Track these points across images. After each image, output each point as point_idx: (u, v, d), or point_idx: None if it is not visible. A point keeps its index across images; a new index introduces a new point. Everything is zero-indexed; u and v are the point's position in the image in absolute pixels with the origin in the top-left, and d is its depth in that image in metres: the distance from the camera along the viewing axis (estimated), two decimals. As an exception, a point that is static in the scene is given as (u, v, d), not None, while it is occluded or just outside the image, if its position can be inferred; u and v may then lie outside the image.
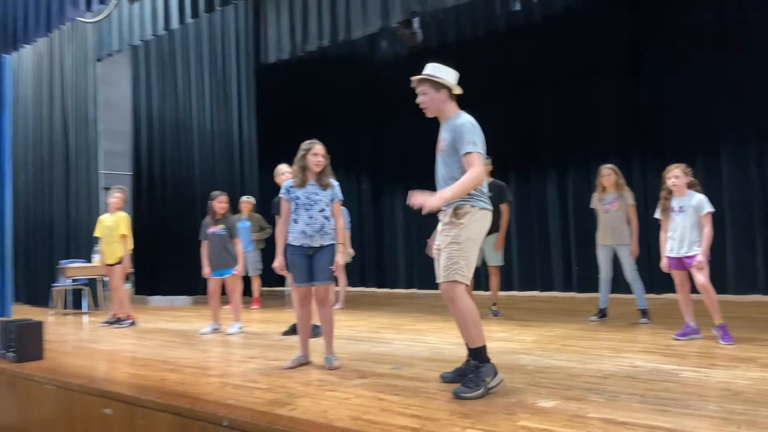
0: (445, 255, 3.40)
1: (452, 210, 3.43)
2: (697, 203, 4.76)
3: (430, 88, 3.55)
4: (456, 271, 3.35)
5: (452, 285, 3.36)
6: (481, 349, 3.38)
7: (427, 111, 3.62)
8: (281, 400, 3.34)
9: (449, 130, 3.51)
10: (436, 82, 3.52)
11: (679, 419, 2.71)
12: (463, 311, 3.37)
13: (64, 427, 4.14)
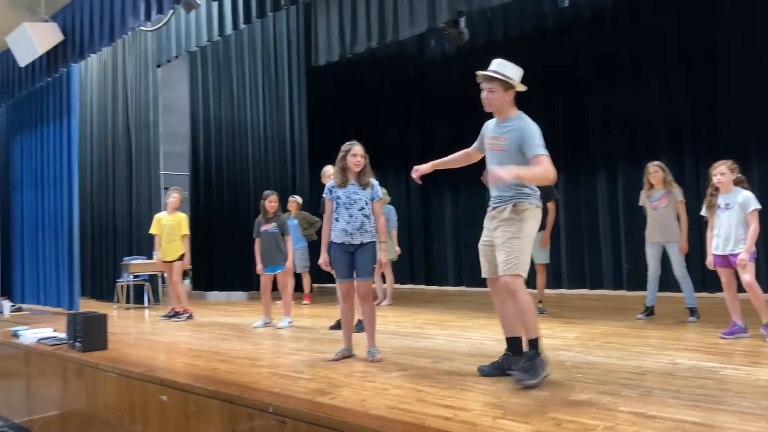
0: (506, 250, 3.50)
1: (511, 206, 3.54)
2: (744, 200, 4.68)
3: (499, 87, 3.63)
4: (518, 265, 3.48)
5: (515, 278, 3.48)
6: (538, 340, 3.51)
7: (489, 107, 3.69)
8: (323, 389, 3.51)
9: (512, 130, 3.58)
10: (506, 82, 3.61)
11: (710, 414, 2.73)
12: (524, 304, 3.50)
13: (126, 412, 4.43)
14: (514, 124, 3.61)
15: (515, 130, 3.58)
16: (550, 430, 2.62)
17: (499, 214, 3.60)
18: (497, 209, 3.62)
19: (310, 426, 3.05)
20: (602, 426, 2.64)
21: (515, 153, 3.56)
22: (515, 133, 3.57)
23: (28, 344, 5.82)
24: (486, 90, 3.65)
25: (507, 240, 3.51)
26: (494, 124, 3.75)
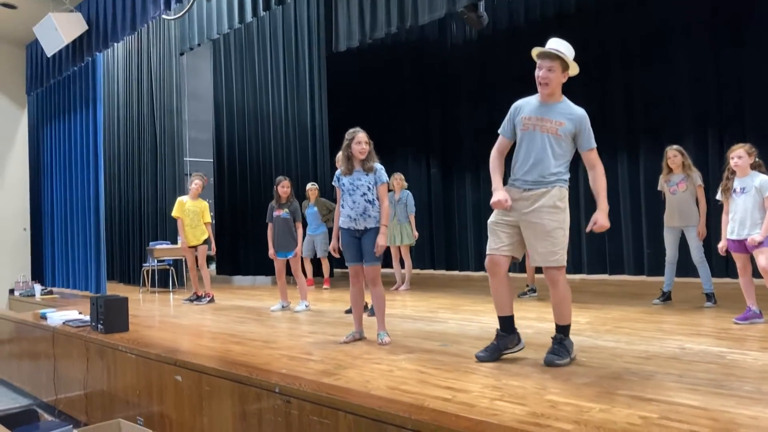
0: (553, 241, 3.50)
1: (557, 192, 3.54)
2: (761, 184, 4.61)
3: (559, 66, 3.59)
4: (561, 257, 3.54)
5: (558, 270, 3.54)
6: (569, 327, 3.62)
7: (546, 87, 3.60)
8: (329, 370, 3.59)
9: (566, 117, 3.56)
10: (566, 62, 3.59)
11: (708, 398, 2.73)
12: (565, 293, 3.59)
13: (144, 392, 4.58)
14: (571, 111, 3.59)
15: (575, 118, 3.56)
16: (545, 411, 2.65)
17: (539, 197, 3.53)
18: (534, 192, 3.54)
19: (314, 405, 3.13)
20: (598, 408, 2.66)
21: (568, 141, 3.57)
22: (575, 122, 3.55)
23: (54, 326, 6.03)
24: (545, 68, 3.58)
25: (554, 230, 3.51)
26: (538, 105, 3.65)
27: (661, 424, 2.41)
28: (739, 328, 4.49)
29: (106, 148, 11.26)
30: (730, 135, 7.55)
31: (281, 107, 10.52)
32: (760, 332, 4.31)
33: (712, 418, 2.46)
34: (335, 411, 3.01)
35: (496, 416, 2.61)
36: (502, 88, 9.68)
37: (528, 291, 6.84)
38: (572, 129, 3.54)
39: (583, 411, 2.63)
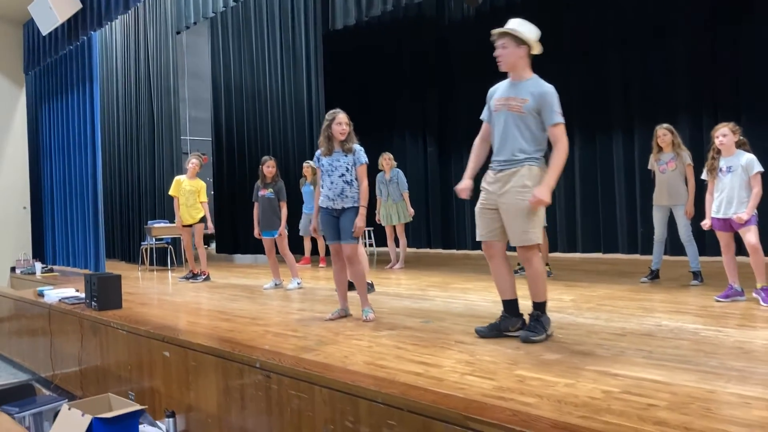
0: (521, 220, 3.51)
1: (526, 170, 3.52)
2: (747, 163, 4.62)
3: (511, 41, 3.60)
4: (532, 236, 3.55)
5: (530, 249, 3.57)
6: (545, 304, 3.66)
7: (503, 64, 3.65)
8: (310, 346, 3.67)
9: (529, 94, 3.56)
10: (518, 37, 3.60)
11: (672, 373, 2.79)
12: (537, 272, 3.63)
13: (135, 367, 4.69)
14: (534, 86, 3.58)
15: (537, 94, 3.54)
16: (511, 386, 2.72)
17: (509, 177, 3.55)
18: (505, 172, 3.58)
19: (292, 380, 3.21)
20: (563, 383, 2.72)
21: (533, 117, 3.55)
22: (537, 97, 3.54)
23: (51, 303, 6.14)
24: (498, 47, 3.63)
25: (520, 211, 3.50)
26: (507, 85, 3.70)
27: (620, 398, 2.48)
28: (719, 305, 4.54)
29: (106, 126, 11.34)
30: (725, 115, 7.53)
31: (278, 86, 10.53)
32: (740, 310, 4.36)
33: (671, 392, 2.52)
34: (311, 385, 3.09)
35: (463, 390, 2.68)
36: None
37: (519, 269, 6.87)
38: (534, 105, 3.52)
39: (548, 385, 2.70)
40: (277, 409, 3.32)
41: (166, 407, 4.24)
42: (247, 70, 10.95)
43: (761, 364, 2.90)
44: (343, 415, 2.91)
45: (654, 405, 2.37)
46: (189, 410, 4.10)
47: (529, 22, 3.64)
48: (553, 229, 9.27)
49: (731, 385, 2.58)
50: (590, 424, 2.21)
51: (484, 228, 3.75)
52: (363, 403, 2.81)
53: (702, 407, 2.33)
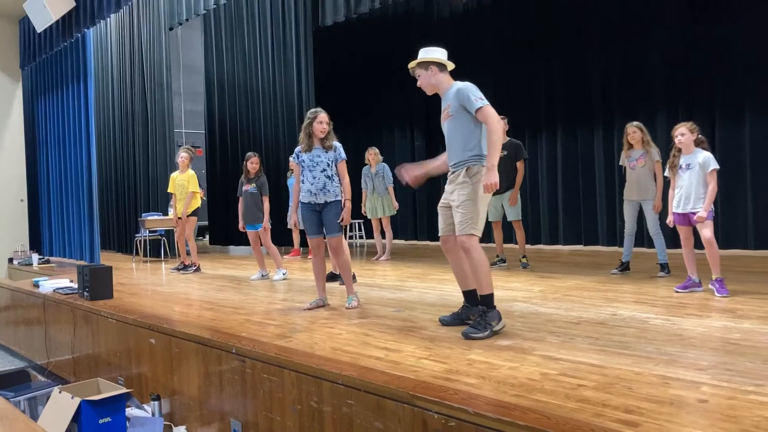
0: (461, 211, 3.78)
1: (465, 170, 3.81)
2: (704, 160, 4.85)
3: (420, 69, 3.97)
4: (472, 225, 3.76)
5: (469, 238, 3.77)
6: (490, 296, 3.78)
7: (425, 90, 4.03)
8: (284, 334, 3.92)
9: (451, 97, 3.86)
10: (423, 62, 3.94)
11: (610, 357, 3.04)
12: (477, 261, 3.77)
13: (123, 354, 4.94)
14: (452, 89, 3.87)
15: (454, 94, 3.83)
16: (461, 368, 2.97)
17: (456, 178, 3.86)
18: (454, 173, 3.89)
19: (264, 365, 3.46)
20: (507, 366, 2.97)
21: (462, 114, 3.81)
22: (455, 97, 3.82)
23: (45, 293, 6.39)
24: (417, 78, 3.99)
25: (462, 202, 3.78)
26: (442, 102, 4.02)
27: (555, 379, 2.72)
28: (677, 296, 4.78)
29: (101, 120, 11.57)
30: (700, 112, 7.79)
31: (270, 81, 10.72)
32: (695, 300, 4.60)
33: (602, 374, 2.76)
34: (281, 369, 3.34)
35: (416, 372, 2.93)
36: (487, 62, 9.86)
37: (497, 261, 7.13)
38: (457, 104, 3.79)
39: (493, 368, 2.94)
40: (251, 392, 3.57)
41: (152, 391, 4.50)
42: (239, 64, 11.14)
43: (692, 349, 3.15)
44: (308, 396, 3.17)
45: (583, 385, 2.62)
46: (173, 394, 4.36)
47: (432, 47, 3.96)
48: (536, 221, 9.54)
49: (658, 368, 2.82)
50: (520, 401, 2.46)
51: (441, 223, 4.05)
52: (326, 385, 3.06)
53: (625, 387, 2.57)
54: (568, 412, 2.32)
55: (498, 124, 3.69)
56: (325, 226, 4.72)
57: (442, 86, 3.95)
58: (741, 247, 7.51)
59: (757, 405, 2.30)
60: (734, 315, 3.97)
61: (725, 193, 7.64)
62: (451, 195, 3.89)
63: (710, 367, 2.80)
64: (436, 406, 2.53)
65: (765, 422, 2.13)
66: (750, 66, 7.30)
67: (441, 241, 4.10)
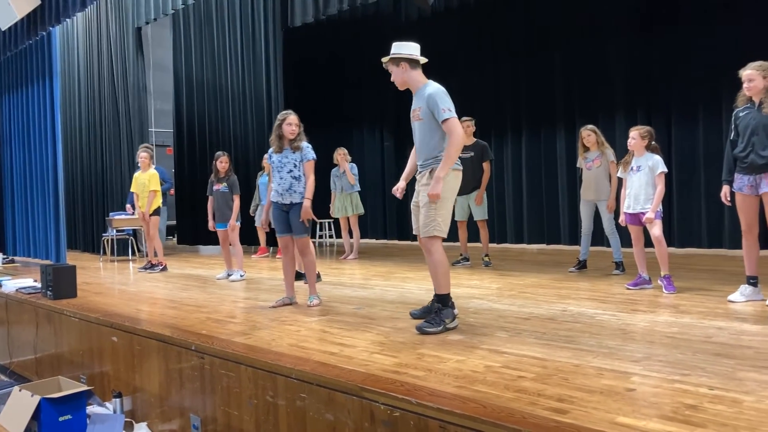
0: (425, 213, 3.90)
1: (428, 172, 3.93)
2: (653, 163, 5.04)
3: (391, 65, 4.06)
4: (434, 227, 3.87)
5: (431, 239, 3.89)
6: (446, 296, 3.91)
7: (398, 86, 4.11)
8: (245, 331, 4.00)
9: (422, 99, 3.95)
10: (395, 58, 4.02)
11: (552, 350, 3.18)
12: (437, 262, 3.90)
13: (86, 353, 4.98)
14: (424, 92, 3.96)
15: (425, 98, 3.92)
16: (410, 362, 3.08)
17: (422, 178, 4.00)
18: (421, 174, 4.02)
19: (222, 361, 3.55)
20: (455, 359, 3.10)
21: (430, 119, 3.92)
22: (426, 101, 3.92)
23: (8, 293, 6.36)
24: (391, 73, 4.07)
25: (426, 204, 3.90)
26: (413, 98, 4.11)
27: (498, 371, 2.86)
28: (629, 292, 4.97)
29: (68, 119, 11.48)
30: (657, 113, 8.06)
31: (239, 81, 10.74)
32: (644, 296, 4.78)
33: (543, 366, 2.90)
34: (238, 365, 3.43)
35: (366, 366, 3.04)
36: (455, 64, 10.03)
37: (461, 260, 7.28)
38: (426, 108, 3.89)
39: (441, 361, 3.07)
40: (209, 387, 3.65)
41: (114, 388, 4.54)
42: (208, 63, 11.14)
43: (632, 342, 3.31)
44: (264, 391, 3.26)
45: (522, 377, 2.76)
46: (135, 391, 4.41)
47: (405, 42, 4.03)
48: (501, 221, 9.73)
49: (597, 360, 2.97)
50: (461, 392, 2.58)
51: (414, 223, 4.15)
52: (280, 380, 3.16)
53: (561, 378, 2.72)
54: (504, 401, 2.45)
55: (458, 138, 3.80)
56: (292, 226, 4.81)
57: (413, 84, 4.04)
58: (695, 245, 7.77)
59: (679, 393, 2.45)
60: (677, 310, 4.15)
61: (680, 193, 7.91)
62: (418, 196, 4.02)
63: (644, 359, 2.96)
64: (383, 398, 2.64)
65: (683, 408, 2.28)
66: (704, 71, 7.54)
67: (418, 240, 4.15)
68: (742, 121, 4.32)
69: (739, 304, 4.29)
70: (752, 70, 4.16)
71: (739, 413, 2.20)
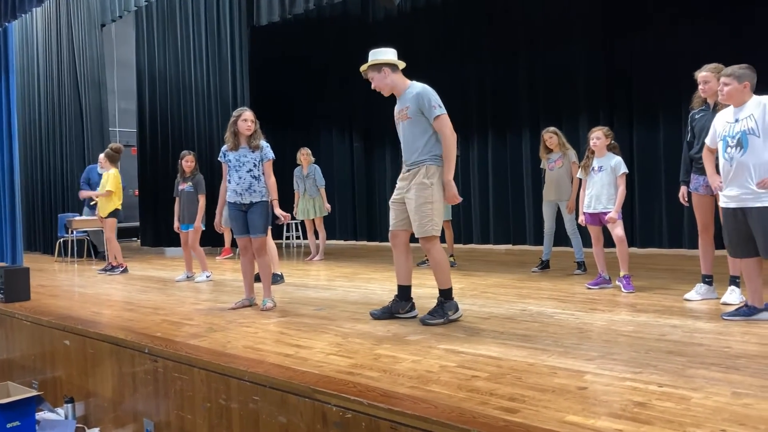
0: (421, 214, 3.89)
1: (424, 169, 3.92)
2: (615, 164, 5.09)
3: (373, 71, 4.08)
4: (433, 228, 3.90)
5: (430, 239, 3.92)
6: (449, 290, 3.98)
7: (382, 91, 4.13)
8: (200, 333, 3.92)
9: (409, 100, 3.97)
10: (375, 64, 4.04)
11: (509, 350, 3.18)
12: (439, 260, 3.96)
13: (38, 357, 4.83)
14: (411, 92, 3.99)
15: (413, 97, 3.95)
16: (365, 363, 3.05)
17: (412, 176, 3.97)
18: (411, 171, 3.99)
19: (175, 363, 3.46)
20: (411, 359, 3.07)
21: (420, 117, 3.95)
22: (414, 99, 3.94)
23: (-42, 296, 6.14)
24: (371, 81, 4.09)
25: (421, 205, 3.89)
26: (398, 100, 4.13)
27: (452, 371, 2.84)
28: (590, 292, 5.01)
29: (27, 118, 11.19)
30: (620, 115, 8.17)
31: (204, 80, 10.59)
32: (604, 296, 4.82)
33: (497, 366, 2.89)
34: (191, 368, 3.35)
35: (321, 368, 2.99)
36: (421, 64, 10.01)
37: (426, 260, 7.25)
38: (415, 107, 3.93)
39: (397, 362, 3.04)
40: (163, 391, 3.57)
41: (66, 394, 4.41)
42: (172, 62, 10.96)
43: (588, 341, 3.32)
44: (217, 394, 3.19)
45: (477, 376, 2.74)
46: (88, 396, 4.29)
47: (382, 48, 4.07)
48: (468, 222, 9.76)
49: (551, 359, 2.97)
50: (414, 392, 2.55)
51: (393, 218, 4.15)
52: (233, 382, 3.09)
53: (515, 377, 2.71)
54: (456, 401, 2.43)
55: (452, 136, 3.88)
56: (250, 226, 4.73)
57: (398, 87, 4.07)
58: (656, 246, 7.89)
59: (629, 390, 2.46)
60: (634, 309, 4.19)
61: (641, 193, 8.02)
62: (407, 193, 3.97)
63: (598, 358, 2.97)
64: (335, 399, 2.60)
65: (632, 405, 2.29)
66: (665, 73, 7.66)
67: (391, 236, 4.17)
68: (698, 122, 4.38)
69: (695, 302, 4.35)
70: (707, 72, 4.22)
71: (686, 410, 2.21)
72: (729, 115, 3.78)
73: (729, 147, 3.71)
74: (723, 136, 3.77)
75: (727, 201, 3.76)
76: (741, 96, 3.69)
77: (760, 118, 3.59)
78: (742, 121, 3.66)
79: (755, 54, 6.61)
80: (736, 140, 3.67)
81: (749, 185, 3.60)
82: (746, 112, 3.67)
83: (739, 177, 3.66)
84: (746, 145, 3.62)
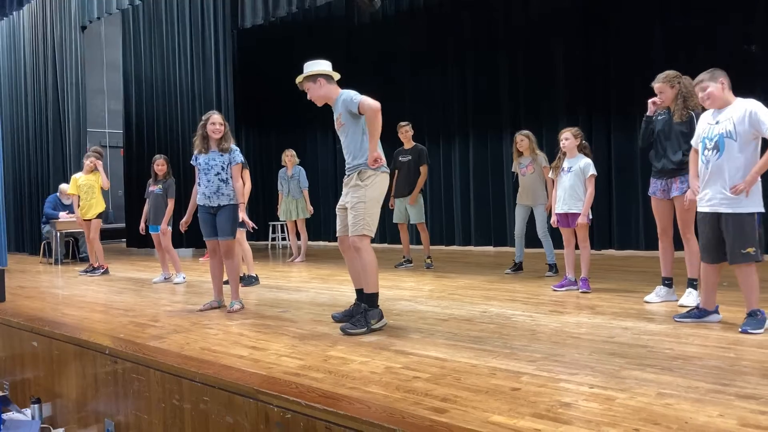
0: (354, 213, 3.95)
1: (357, 174, 3.98)
2: (584, 165, 5.15)
3: (308, 82, 4.15)
4: (363, 227, 3.92)
5: (360, 238, 3.94)
6: (374, 295, 3.95)
7: (316, 102, 4.22)
8: (161, 335, 3.97)
9: (339, 106, 4.06)
10: (310, 75, 4.12)
11: (457, 351, 3.23)
12: (366, 261, 3.95)
13: (8, 359, 4.88)
14: (339, 99, 4.08)
15: (342, 103, 4.03)
16: (314, 364, 3.10)
17: (350, 181, 4.05)
18: (349, 176, 4.07)
19: (133, 364, 3.52)
20: (359, 360, 3.13)
21: (351, 121, 4.00)
22: (342, 104, 4.02)
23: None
24: (306, 92, 4.17)
25: (354, 204, 3.96)
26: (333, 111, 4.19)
27: (396, 372, 2.89)
28: (555, 294, 5.06)
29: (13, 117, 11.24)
30: (598, 115, 8.25)
31: (188, 81, 10.65)
32: (567, 297, 4.88)
33: (441, 367, 2.95)
34: (148, 369, 3.41)
35: (271, 369, 3.05)
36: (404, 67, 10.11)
37: (404, 262, 7.32)
38: (345, 111, 3.99)
39: (345, 363, 3.09)
40: (122, 391, 3.62)
41: (33, 395, 4.46)
42: (157, 64, 11.02)
43: (536, 343, 3.38)
44: (171, 394, 3.24)
45: (418, 377, 2.80)
46: (55, 397, 4.35)
47: (317, 60, 4.18)
48: (450, 224, 9.82)
49: (495, 361, 3.03)
50: (352, 393, 2.61)
51: (339, 224, 4.21)
52: (185, 383, 3.15)
53: (454, 378, 2.76)
54: (391, 401, 2.48)
55: (371, 112, 3.86)
56: (218, 229, 4.79)
57: (332, 97, 4.15)
58: (633, 248, 7.95)
59: (560, 391, 2.52)
60: (593, 311, 4.25)
61: (619, 196, 8.09)
62: (345, 197, 4.07)
63: (541, 359, 3.03)
64: (276, 400, 2.66)
65: (558, 406, 2.34)
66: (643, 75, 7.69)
67: (338, 241, 4.24)
68: (657, 126, 4.45)
69: (654, 304, 4.41)
70: (660, 83, 4.31)
71: (607, 410, 2.27)
72: (710, 117, 3.70)
73: (707, 149, 3.63)
74: (702, 137, 3.69)
75: (702, 204, 3.67)
76: (722, 95, 3.58)
77: (738, 123, 3.49)
78: (722, 123, 3.57)
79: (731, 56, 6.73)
80: (713, 143, 3.59)
81: (723, 190, 3.52)
82: (726, 115, 3.57)
83: (714, 180, 3.57)
84: (722, 149, 3.53)
